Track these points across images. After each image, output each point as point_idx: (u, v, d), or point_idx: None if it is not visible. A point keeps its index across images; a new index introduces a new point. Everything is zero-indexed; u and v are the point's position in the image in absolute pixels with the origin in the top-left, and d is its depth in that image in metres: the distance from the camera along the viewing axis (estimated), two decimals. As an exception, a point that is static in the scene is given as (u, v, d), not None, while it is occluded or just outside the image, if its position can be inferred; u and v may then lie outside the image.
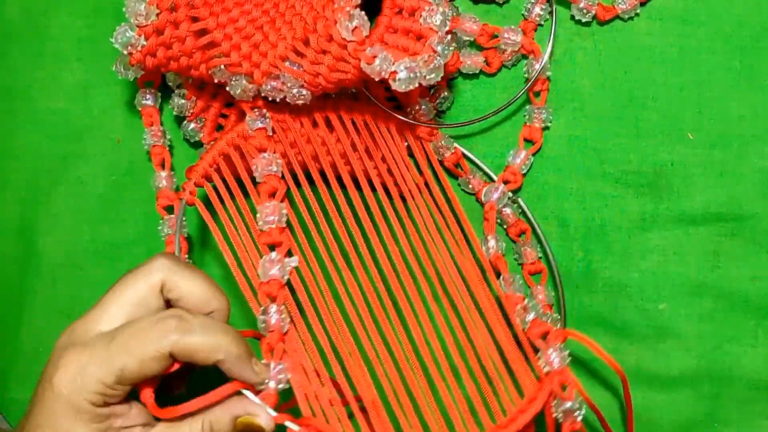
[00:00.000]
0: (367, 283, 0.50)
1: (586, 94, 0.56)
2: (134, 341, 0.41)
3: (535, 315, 0.51)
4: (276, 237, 0.48)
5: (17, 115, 0.60)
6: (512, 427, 0.48)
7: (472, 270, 0.52)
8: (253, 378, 0.44)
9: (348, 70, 0.47)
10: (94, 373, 0.40)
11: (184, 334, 0.41)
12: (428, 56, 0.45)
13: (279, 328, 0.47)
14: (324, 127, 0.53)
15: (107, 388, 0.41)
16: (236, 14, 0.49)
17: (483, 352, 0.50)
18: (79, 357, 0.41)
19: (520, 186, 0.57)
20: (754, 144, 0.55)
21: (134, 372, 0.41)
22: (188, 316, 0.42)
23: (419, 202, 0.53)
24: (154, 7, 0.47)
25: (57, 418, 0.41)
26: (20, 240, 0.60)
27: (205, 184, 0.51)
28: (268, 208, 0.48)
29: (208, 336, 0.42)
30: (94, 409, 0.41)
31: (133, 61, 0.48)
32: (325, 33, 0.46)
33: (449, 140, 0.56)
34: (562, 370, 0.49)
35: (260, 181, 0.50)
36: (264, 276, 0.47)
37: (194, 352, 0.41)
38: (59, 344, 0.43)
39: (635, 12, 0.55)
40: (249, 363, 0.43)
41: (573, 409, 0.49)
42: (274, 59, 0.48)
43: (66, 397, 0.41)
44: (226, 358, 0.42)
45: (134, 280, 0.43)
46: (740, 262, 0.56)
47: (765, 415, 0.57)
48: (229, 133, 0.52)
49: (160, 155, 0.56)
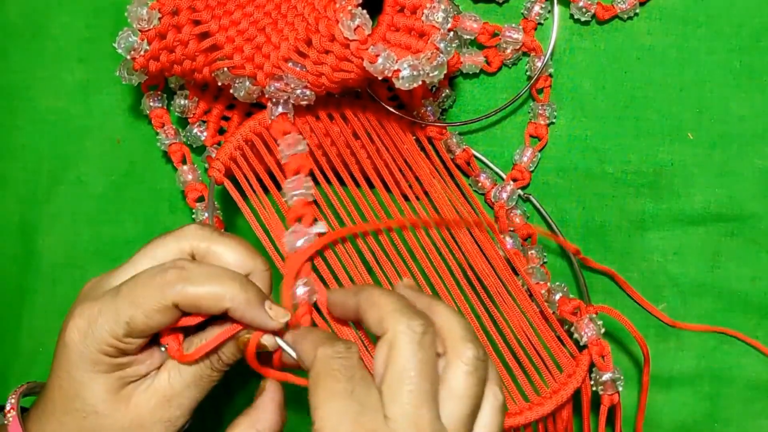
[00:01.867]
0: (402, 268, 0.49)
1: (586, 94, 0.56)
2: (137, 293, 0.40)
3: (562, 294, 0.53)
4: (300, 210, 0.47)
5: (17, 115, 0.60)
6: (555, 399, 0.49)
7: (499, 259, 0.53)
8: (269, 322, 0.41)
9: (351, 70, 0.47)
10: (104, 326, 0.40)
11: (185, 283, 0.40)
12: (431, 53, 0.45)
13: (308, 300, 0.45)
14: (341, 122, 0.53)
15: (117, 341, 0.40)
16: (238, 16, 0.48)
17: (520, 332, 0.51)
18: (90, 310, 0.41)
19: (528, 183, 0.57)
20: (754, 144, 0.55)
21: (141, 324, 0.40)
22: (190, 265, 0.41)
23: (440, 195, 0.53)
24: (157, 11, 0.47)
25: (73, 369, 0.41)
26: (20, 240, 0.60)
27: (232, 165, 0.50)
28: (293, 182, 0.48)
29: (211, 283, 0.40)
30: (110, 359, 0.41)
31: (136, 66, 0.48)
32: (327, 33, 0.46)
33: (459, 137, 0.56)
34: (599, 340, 0.51)
35: (285, 162, 0.49)
36: (290, 247, 0.46)
37: (198, 301, 0.40)
38: (80, 294, 0.43)
39: (634, 12, 0.55)
40: (262, 307, 0.41)
41: (613, 380, 0.51)
42: (277, 60, 0.48)
43: (79, 348, 0.41)
44: (234, 305, 0.40)
45: (164, 240, 0.43)
46: (740, 262, 0.56)
47: (765, 415, 0.57)
48: (250, 120, 0.51)
49: (179, 152, 0.56)
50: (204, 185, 0.56)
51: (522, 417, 0.48)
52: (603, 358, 0.51)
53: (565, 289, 0.54)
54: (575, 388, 0.50)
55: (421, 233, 0.51)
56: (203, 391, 0.43)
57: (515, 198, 0.56)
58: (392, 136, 0.54)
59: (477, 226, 0.53)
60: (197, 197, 0.56)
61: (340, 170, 0.51)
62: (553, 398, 0.49)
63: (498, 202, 0.56)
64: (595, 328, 0.51)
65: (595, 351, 0.51)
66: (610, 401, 0.51)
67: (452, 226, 0.52)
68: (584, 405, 0.52)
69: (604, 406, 0.52)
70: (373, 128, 0.53)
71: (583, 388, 0.51)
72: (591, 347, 0.51)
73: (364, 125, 0.53)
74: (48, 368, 0.61)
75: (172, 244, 0.43)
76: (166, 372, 0.43)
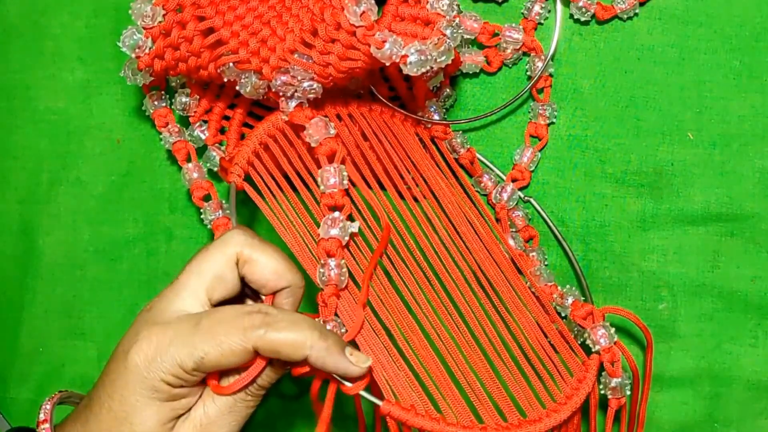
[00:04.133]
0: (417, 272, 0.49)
1: (586, 94, 0.56)
2: (218, 331, 0.40)
3: (574, 298, 0.53)
4: (338, 200, 0.47)
5: (17, 115, 0.60)
6: (570, 405, 0.49)
7: (505, 261, 0.53)
8: (351, 368, 0.41)
9: (358, 58, 0.47)
10: (175, 355, 0.40)
11: (269, 328, 0.40)
12: (438, 39, 0.45)
13: (337, 281, 0.45)
14: (349, 122, 0.53)
15: (184, 372, 0.40)
16: (242, 11, 0.48)
17: (532, 337, 0.50)
18: (161, 335, 0.41)
19: (528, 183, 0.57)
20: (754, 144, 0.55)
21: (213, 361, 0.40)
22: (274, 311, 0.41)
23: (447, 196, 0.53)
24: (161, 8, 0.47)
25: (128, 392, 0.41)
26: (20, 240, 0.60)
27: (251, 170, 0.50)
28: (329, 170, 0.47)
29: (294, 331, 0.40)
30: (169, 388, 0.41)
31: (141, 65, 0.48)
32: (333, 21, 0.46)
33: (463, 137, 0.56)
34: (610, 347, 0.51)
35: (315, 146, 0.48)
36: (325, 233, 0.46)
37: (280, 347, 0.40)
38: (139, 320, 0.42)
39: (634, 12, 0.55)
40: (342, 354, 0.41)
41: (622, 385, 0.51)
42: (283, 53, 0.48)
43: (141, 372, 0.40)
44: (314, 353, 0.41)
45: (211, 253, 0.43)
46: (740, 262, 0.56)
47: (765, 415, 0.57)
48: (264, 122, 0.51)
49: (184, 150, 0.56)
50: (210, 183, 0.56)
51: (542, 424, 0.47)
52: (613, 365, 0.51)
53: (576, 292, 0.54)
54: (587, 393, 0.50)
55: (433, 237, 0.50)
56: (241, 417, 0.43)
57: (516, 198, 0.56)
58: (398, 136, 0.54)
59: (483, 228, 0.53)
60: (204, 195, 0.55)
61: (351, 173, 0.51)
62: (568, 404, 0.49)
63: (499, 203, 0.56)
64: (608, 336, 0.51)
65: (606, 358, 0.51)
66: (617, 404, 0.51)
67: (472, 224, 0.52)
68: (592, 409, 0.52)
69: (612, 409, 0.52)
70: (380, 128, 0.53)
71: (592, 393, 0.51)
72: (603, 354, 0.51)
73: (371, 125, 0.53)
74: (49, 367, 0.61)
75: (218, 256, 0.43)
76: (202, 401, 0.43)
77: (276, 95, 0.50)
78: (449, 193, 0.53)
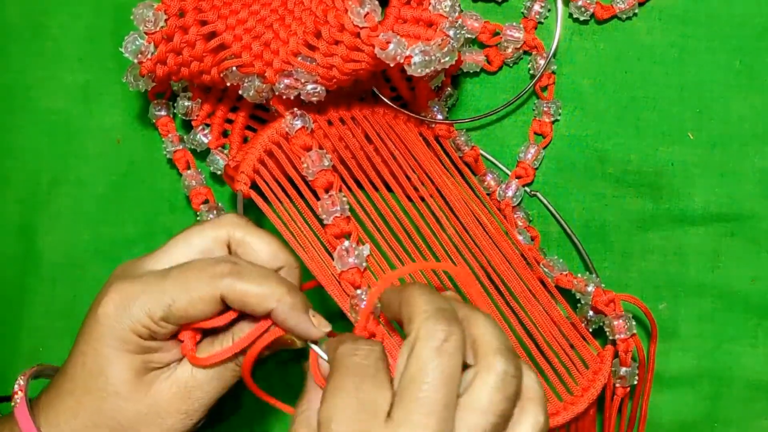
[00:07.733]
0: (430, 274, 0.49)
1: (586, 94, 0.56)
2: (188, 278, 0.41)
3: (595, 286, 0.53)
4: (344, 227, 0.47)
5: (17, 115, 0.60)
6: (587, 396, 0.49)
7: (515, 255, 0.53)
8: (311, 330, 0.42)
9: (362, 59, 0.47)
10: (143, 305, 0.40)
11: (237, 278, 0.41)
12: (441, 40, 0.45)
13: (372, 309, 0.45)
14: (352, 125, 0.53)
15: (153, 323, 0.41)
16: (245, 15, 0.48)
17: (546, 330, 0.51)
18: (131, 286, 0.41)
19: (532, 180, 0.57)
20: (754, 144, 0.56)
21: (182, 309, 0.40)
22: (244, 262, 0.42)
23: (454, 194, 0.53)
24: (163, 13, 0.47)
25: (100, 345, 0.41)
26: (20, 240, 0.60)
27: (257, 177, 0.50)
28: (328, 200, 0.47)
29: (261, 282, 0.41)
30: (139, 340, 0.41)
31: (143, 70, 0.48)
32: (336, 23, 0.46)
33: (467, 136, 0.56)
34: (627, 339, 0.51)
35: (312, 179, 0.48)
36: (343, 266, 0.46)
37: (246, 297, 0.41)
38: (112, 275, 0.43)
39: (633, 12, 0.55)
40: (306, 314, 0.42)
41: (631, 374, 0.52)
42: (287, 55, 0.48)
43: (111, 324, 0.41)
44: (279, 306, 0.41)
45: (201, 229, 0.43)
46: (740, 262, 0.56)
47: (765, 415, 0.57)
48: (267, 129, 0.51)
49: (184, 158, 0.56)
50: (208, 188, 0.56)
51: (560, 417, 0.48)
52: (626, 354, 0.52)
53: (597, 279, 0.54)
54: (603, 385, 0.50)
55: (442, 236, 0.50)
56: (225, 385, 0.43)
57: (520, 195, 0.56)
58: (402, 137, 0.54)
59: (491, 224, 0.53)
60: (202, 200, 0.56)
61: (358, 175, 0.51)
62: (585, 396, 0.49)
63: (504, 200, 0.56)
64: (628, 328, 0.51)
65: (621, 348, 0.51)
66: (624, 393, 0.52)
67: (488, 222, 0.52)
68: (607, 399, 0.52)
69: (618, 397, 0.52)
70: (383, 130, 0.53)
71: (608, 384, 0.51)
72: (619, 345, 0.51)
73: (375, 127, 0.53)
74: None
75: (209, 231, 0.43)
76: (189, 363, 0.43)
77: (282, 108, 0.50)
78: (456, 191, 0.53)
